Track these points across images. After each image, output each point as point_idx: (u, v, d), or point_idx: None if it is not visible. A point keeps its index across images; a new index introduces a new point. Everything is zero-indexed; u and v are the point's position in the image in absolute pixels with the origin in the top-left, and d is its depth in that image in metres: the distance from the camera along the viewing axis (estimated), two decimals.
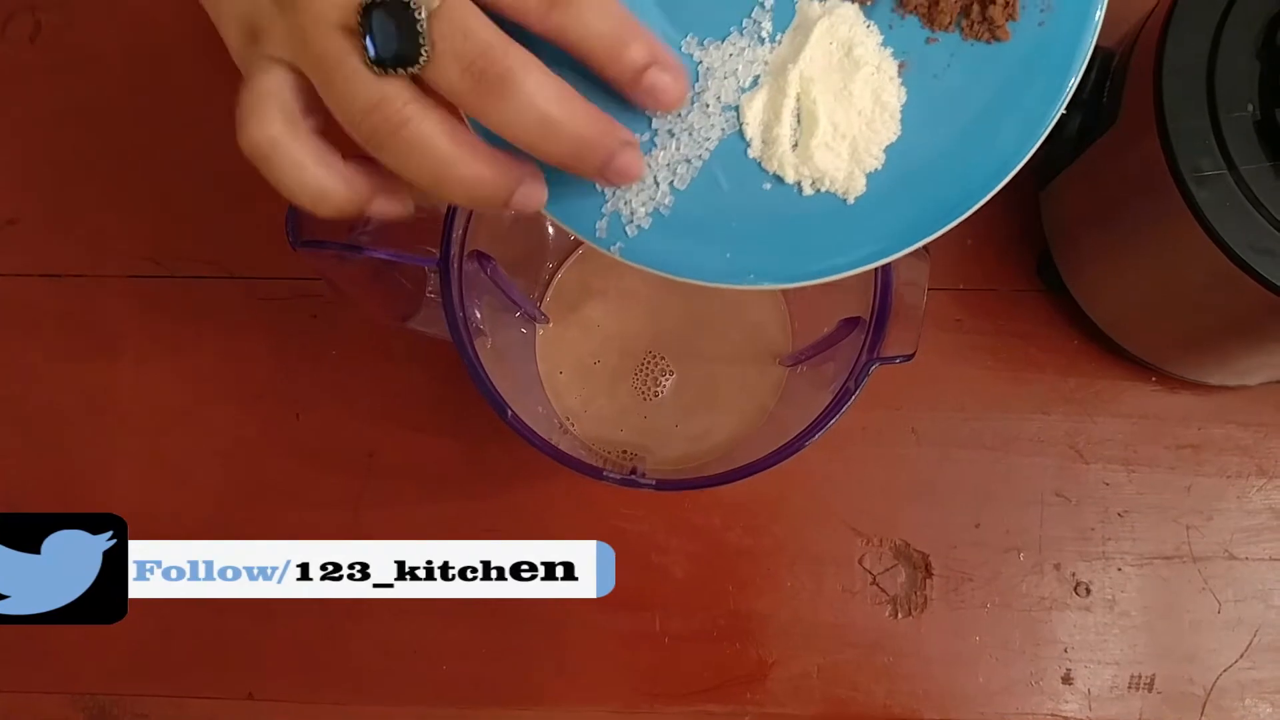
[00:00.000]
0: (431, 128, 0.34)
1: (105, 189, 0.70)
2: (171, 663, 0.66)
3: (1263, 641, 0.63)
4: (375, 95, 0.33)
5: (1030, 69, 0.39)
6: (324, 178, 0.36)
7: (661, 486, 0.49)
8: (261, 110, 0.35)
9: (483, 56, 0.33)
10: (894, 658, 0.64)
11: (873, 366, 0.48)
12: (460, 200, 0.36)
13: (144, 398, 0.68)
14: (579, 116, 0.34)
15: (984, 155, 0.39)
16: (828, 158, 0.39)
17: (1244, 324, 0.54)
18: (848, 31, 0.39)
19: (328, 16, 0.34)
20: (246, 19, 0.36)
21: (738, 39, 0.40)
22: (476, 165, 0.34)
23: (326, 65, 0.34)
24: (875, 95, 0.39)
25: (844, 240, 0.39)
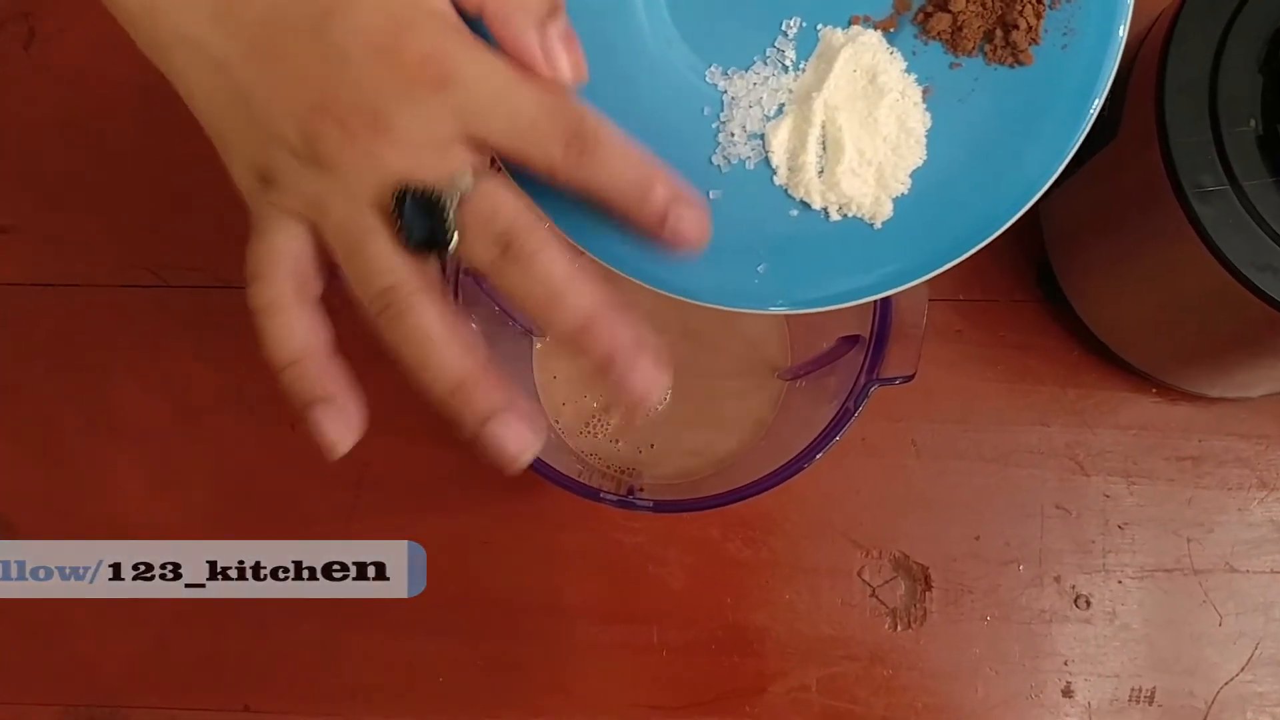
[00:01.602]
0: (432, 319, 0.35)
1: (99, 198, 0.70)
2: (166, 674, 0.66)
3: (1264, 654, 0.63)
4: (390, 279, 0.35)
5: (1054, 92, 0.39)
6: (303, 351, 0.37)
7: (659, 508, 0.48)
8: (271, 271, 0.36)
9: (506, 234, 0.35)
10: (893, 670, 0.63)
11: (872, 388, 0.48)
12: (437, 396, 0.36)
13: (137, 408, 0.68)
14: (585, 295, 0.35)
15: (1009, 178, 0.39)
16: (854, 184, 0.39)
17: (1245, 338, 0.54)
18: (871, 59, 0.39)
19: (362, 191, 0.35)
20: (260, 163, 0.36)
21: (762, 68, 0.40)
22: (462, 363, 0.35)
23: (350, 239, 0.35)
24: (900, 121, 0.39)
25: (872, 264, 0.40)
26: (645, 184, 0.35)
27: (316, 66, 0.34)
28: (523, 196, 0.36)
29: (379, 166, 0.34)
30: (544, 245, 0.35)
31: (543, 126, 0.35)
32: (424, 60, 0.34)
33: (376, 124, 0.34)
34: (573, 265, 0.35)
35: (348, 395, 0.37)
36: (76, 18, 0.71)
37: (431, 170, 0.35)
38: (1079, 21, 0.39)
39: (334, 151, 0.35)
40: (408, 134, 0.34)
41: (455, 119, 0.34)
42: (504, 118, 0.34)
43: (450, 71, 0.34)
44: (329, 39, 0.34)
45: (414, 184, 0.34)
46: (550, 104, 0.35)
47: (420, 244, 0.35)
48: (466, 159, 0.35)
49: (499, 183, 0.35)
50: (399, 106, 0.34)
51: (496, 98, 0.34)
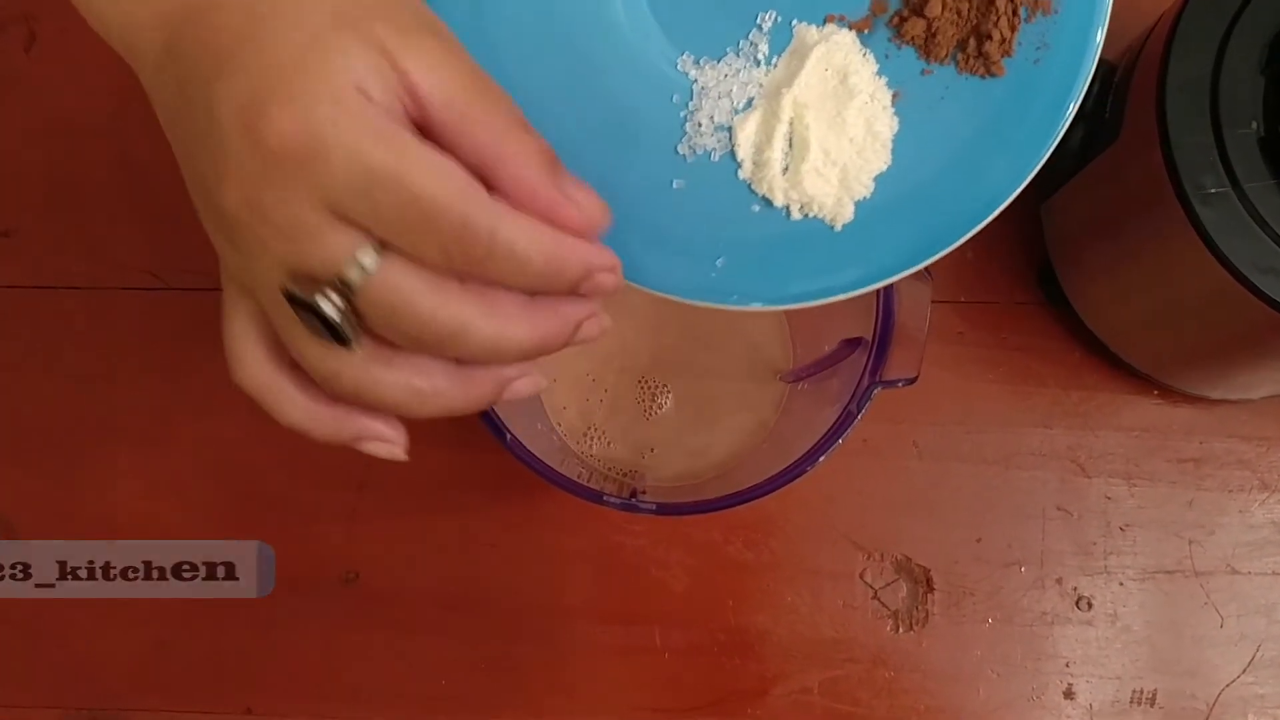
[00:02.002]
0: (388, 387, 0.34)
1: (102, 200, 0.70)
2: (168, 676, 0.66)
3: (1265, 656, 0.63)
4: (326, 369, 0.33)
5: (1023, 106, 0.39)
6: (310, 418, 0.36)
7: (662, 511, 0.48)
8: (242, 359, 0.36)
9: (416, 331, 0.32)
10: (895, 673, 0.63)
11: (875, 390, 0.48)
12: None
13: (138, 409, 0.68)
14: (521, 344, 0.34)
15: (973, 189, 0.39)
16: (818, 184, 0.39)
17: (1247, 340, 0.54)
18: (843, 59, 0.39)
19: (269, 281, 0.32)
20: (210, 232, 0.34)
21: (734, 59, 0.40)
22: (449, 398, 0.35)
23: (277, 325, 0.34)
24: (868, 124, 0.39)
25: (829, 265, 0.39)
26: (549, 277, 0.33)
27: (207, 143, 0.31)
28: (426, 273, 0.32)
29: (269, 255, 0.31)
30: (462, 323, 0.32)
31: (410, 228, 0.30)
32: (285, 138, 0.29)
33: (254, 209, 0.31)
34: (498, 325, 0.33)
35: (366, 425, 0.37)
36: (77, 21, 0.71)
37: (315, 258, 0.31)
38: (1053, 36, 0.38)
39: (235, 234, 0.32)
40: (280, 219, 0.31)
41: (321, 200, 0.30)
42: (367, 209, 0.30)
43: (312, 150, 0.29)
44: (211, 110, 0.31)
45: (291, 284, 0.31)
46: (421, 202, 0.30)
47: (331, 339, 0.32)
48: (350, 241, 0.31)
49: (394, 268, 0.31)
50: (266, 189, 0.30)
51: (359, 185, 0.30)
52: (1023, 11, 0.38)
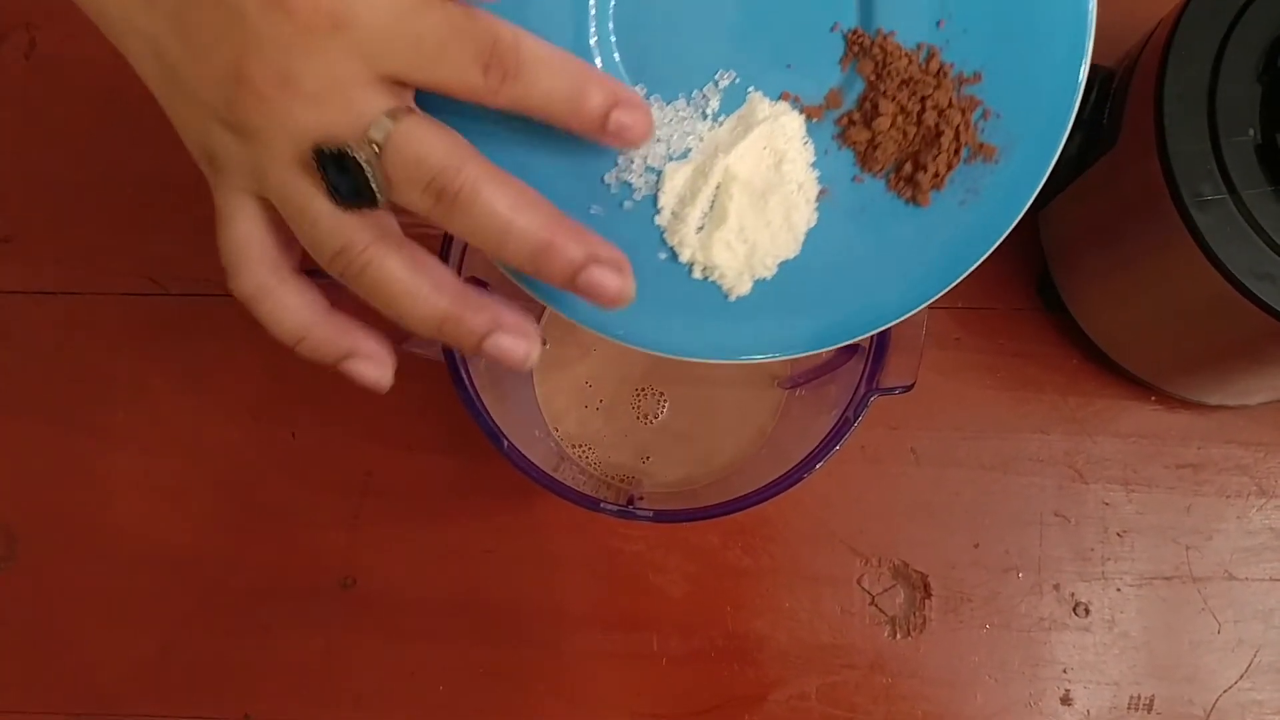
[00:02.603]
0: (393, 268, 0.35)
1: (100, 207, 0.70)
2: (168, 683, 0.66)
3: (1263, 662, 0.63)
4: (339, 241, 0.35)
5: (932, 245, 0.39)
6: (305, 325, 0.37)
7: (659, 518, 0.48)
8: (242, 261, 0.37)
9: (438, 178, 0.34)
10: (892, 678, 0.63)
11: (872, 398, 0.48)
12: (428, 335, 0.36)
13: (138, 417, 0.68)
14: (537, 220, 0.35)
15: (864, 303, 0.40)
16: (725, 254, 0.39)
17: (1244, 347, 0.54)
18: (784, 144, 0.39)
19: (286, 154, 0.34)
20: (204, 142, 0.36)
21: (683, 106, 0.40)
22: (438, 301, 0.35)
23: (292, 206, 0.35)
24: (787, 214, 0.39)
25: (708, 331, 0.41)
26: (578, 94, 0.34)
27: (224, 32, 0.33)
28: (450, 132, 0.34)
29: (295, 125, 0.34)
30: (478, 184, 0.34)
31: (453, 51, 0.33)
32: (311, 4, 0.32)
33: (282, 81, 0.33)
34: (513, 193, 0.34)
35: (361, 340, 0.38)
36: (77, 29, 0.71)
37: (343, 122, 0.33)
38: (986, 187, 0.39)
39: (253, 117, 0.34)
40: (313, 86, 0.33)
41: (358, 60, 0.33)
42: (408, 48, 0.33)
43: (342, 9, 0.32)
44: (229, 4, 0.33)
45: (325, 142, 0.33)
46: (458, 24, 0.33)
47: (351, 201, 0.34)
48: (379, 103, 0.34)
49: (418, 122, 0.34)
50: (298, 58, 0.33)
51: (396, 28, 0.33)
52: (964, 152, 0.39)
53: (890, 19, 0.39)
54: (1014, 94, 0.39)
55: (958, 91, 0.39)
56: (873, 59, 0.39)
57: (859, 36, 0.39)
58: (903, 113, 0.39)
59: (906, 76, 0.39)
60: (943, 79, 0.39)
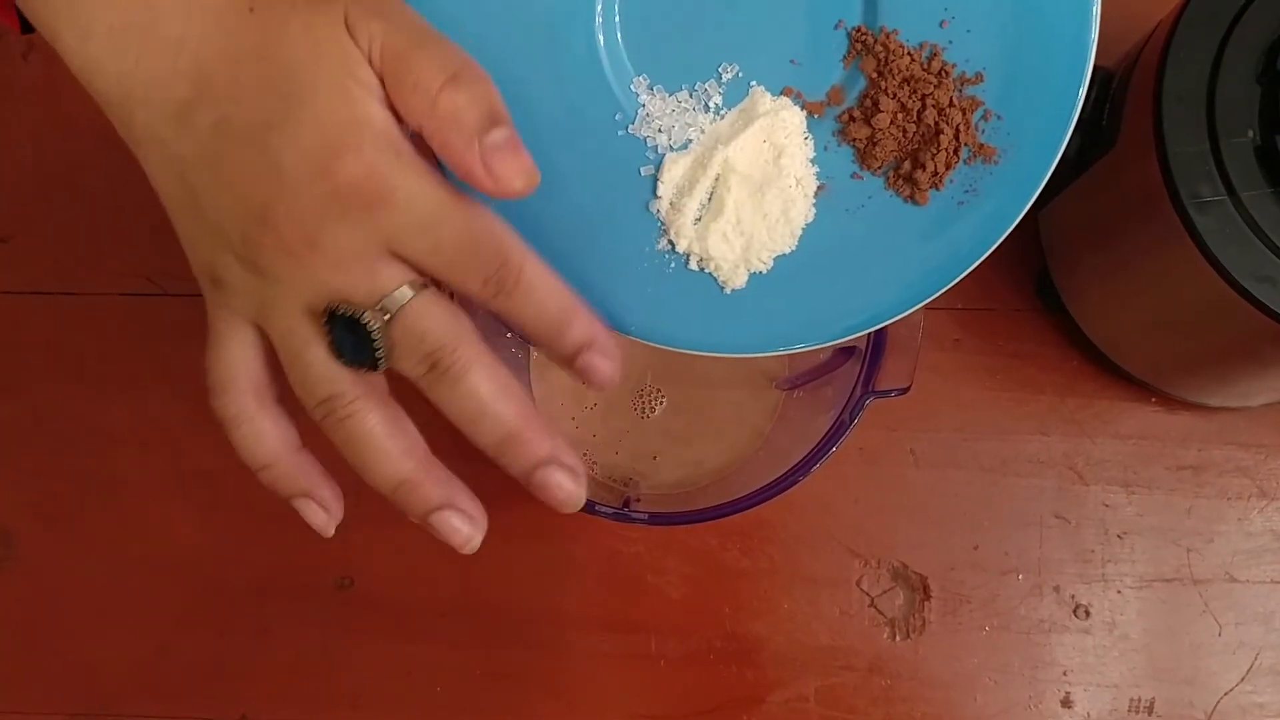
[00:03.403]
0: (372, 425, 0.37)
1: (98, 207, 0.70)
2: (166, 683, 0.66)
3: (1263, 665, 0.62)
4: (328, 390, 0.36)
5: (929, 243, 0.39)
6: (274, 457, 0.39)
7: (654, 521, 0.48)
8: (228, 386, 0.38)
9: (435, 353, 0.36)
10: (892, 680, 0.63)
11: (868, 400, 0.48)
12: (384, 492, 0.38)
13: (136, 417, 0.68)
14: (511, 410, 0.37)
15: (855, 302, 0.40)
16: (721, 246, 0.39)
17: (1244, 348, 0.54)
18: (784, 138, 0.39)
19: (297, 303, 0.36)
20: (211, 264, 0.37)
21: (685, 98, 0.40)
22: (404, 466, 0.37)
23: (290, 347, 0.36)
24: (785, 207, 0.39)
25: (703, 322, 0.41)
26: (561, 326, 0.37)
27: (257, 177, 0.35)
28: (456, 313, 0.36)
29: (312, 280, 0.35)
30: (469, 366, 0.36)
31: (464, 260, 0.35)
32: (357, 183, 0.34)
33: (309, 240, 0.34)
34: (498, 383, 0.36)
35: (319, 485, 0.40)
36: None
37: (361, 288, 0.35)
38: (986, 186, 0.39)
39: (271, 262, 0.35)
40: (338, 251, 0.35)
41: (380, 237, 0.35)
42: (426, 246, 0.35)
43: (382, 194, 0.34)
44: (269, 153, 0.34)
45: (341, 305, 0.35)
46: (475, 237, 0.35)
47: (352, 361, 0.36)
48: (400, 276, 0.35)
49: (432, 300, 0.36)
50: (330, 225, 0.34)
51: (423, 225, 0.35)
52: (964, 152, 0.39)
53: (894, 17, 0.39)
54: (1016, 96, 0.39)
55: (959, 91, 0.39)
56: (875, 57, 0.39)
57: (863, 34, 0.39)
58: (903, 111, 0.39)
59: (908, 75, 0.39)
60: (944, 78, 0.39)
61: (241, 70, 0.35)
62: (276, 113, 0.34)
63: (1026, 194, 0.39)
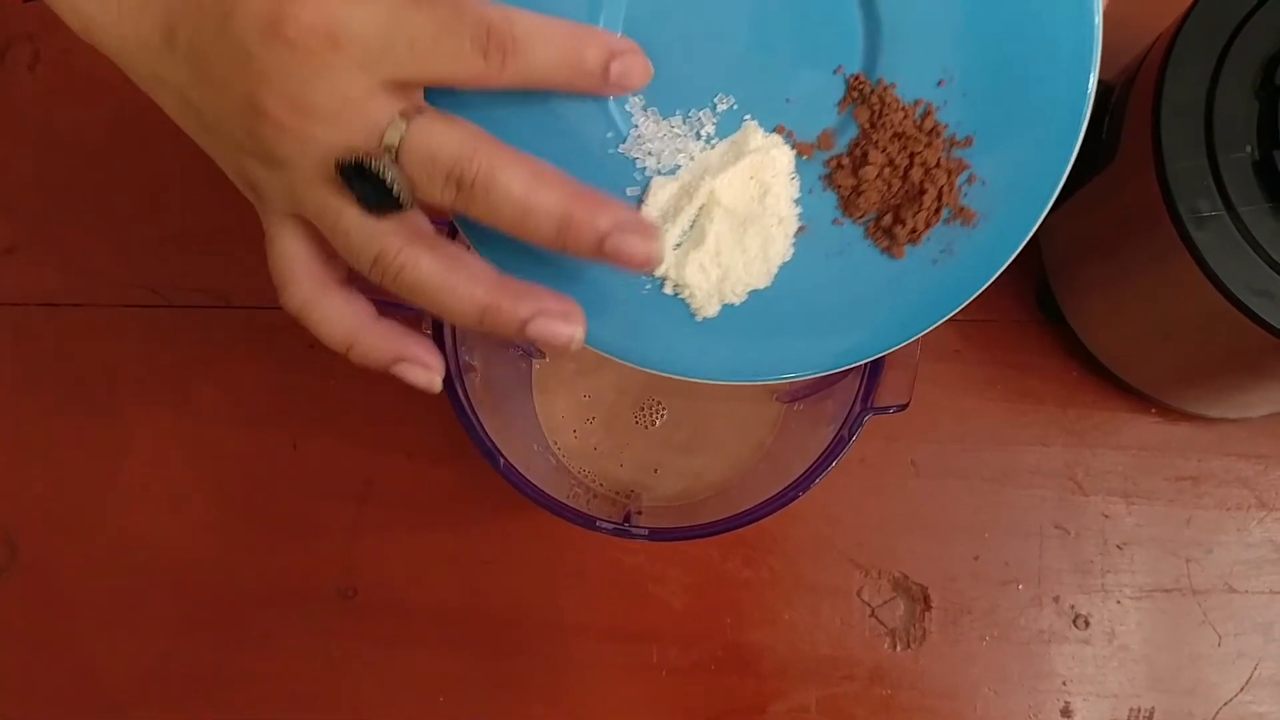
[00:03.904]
0: (427, 267, 0.36)
1: (102, 218, 0.70)
2: (168, 690, 0.66)
3: (1263, 675, 0.62)
4: (374, 249, 0.36)
5: (899, 295, 0.40)
6: (355, 332, 0.39)
7: (655, 537, 0.49)
8: (289, 277, 0.38)
9: (454, 169, 0.35)
10: (892, 690, 0.63)
11: (866, 417, 0.48)
12: (472, 327, 0.38)
13: (139, 426, 0.68)
14: (554, 196, 0.35)
15: (823, 344, 0.41)
16: (698, 275, 0.40)
17: (1242, 362, 0.54)
18: (771, 178, 0.40)
19: (312, 175, 0.36)
20: (244, 177, 0.38)
21: (679, 124, 0.40)
22: (475, 293, 0.37)
23: (327, 222, 0.37)
24: (764, 246, 0.40)
25: (667, 344, 0.41)
26: (577, 55, 0.36)
27: (234, 69, 0.35)
28: (460, 124, 0.36)
29: (315, 146, 0.35)
30: (494, 167, 0.35)
31: (448, 43, 0.34)
32: (309, 29, 0.34)
33: (295, 107, 0.35)
34: (529, 172, 0.35)
35: (409, 345, 0.40)
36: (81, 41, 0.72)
37: (359, 134, 0.35)
38: (962, 248, 0.39)
39: (276, 145, 0.36)
40: (325, 106, 0.35)
41: (361, 72, 0.34)
42: (405, 51, 0.34)
43: (337, 29, 0.34)
44: (233, 39, 0.35)
45: (344, 156, 0.35)
46: (447, 18, 0.34)
47: (379, 207, 0.35)
48: (389, 108, 0.35)
49: (429, 120, 0.35)
50: (306, 82, 0.34)
51: (389, 35, 0.34)
52: (945, 213, 0.39)
53: (893, 71, 0.39)
54: (1002, 165, 0.39)
55: (948, 153, 0.39)
56: (870, 107, 0.39)
57: (860, 83, 0.39)
58: (890, 165, 0.39)
59: (900, 130, 0.39)
60: (935, 138, 0.39)
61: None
62: (226, 1, 0.35)
63: (1000, 260, 0.40)
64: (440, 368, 0.40)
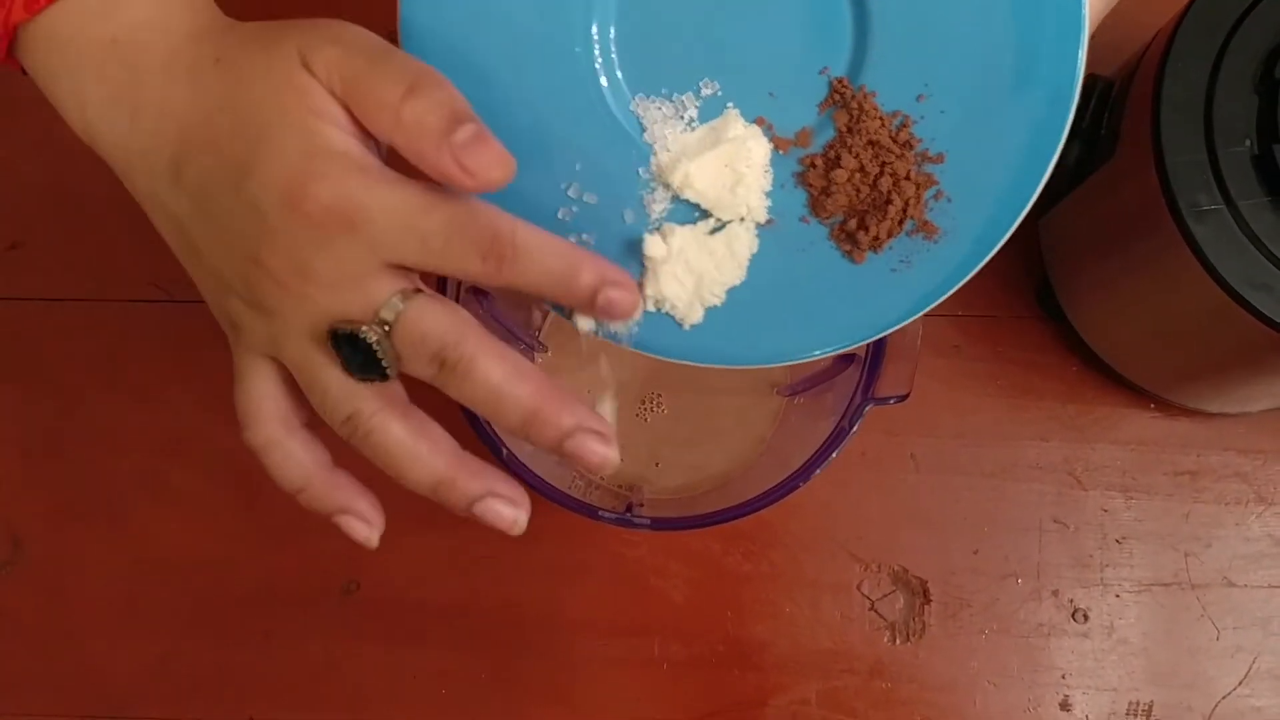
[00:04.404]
0: (396, 433, 0.37)
1: (107, 214, 0.70)
2: (172, 686, 0.66)
3: (1261, 669, 0.63)
4: (348, 409, 0.37)
5: (856, 298, 0.41)
6: (307, 480, 0.40)
7: (657, 526, 0.49)
8: (255, 416, 0.39)
9: (440, 352, 0.36)
10: (892, 684, 0.64)
11: (867, 407, 0.48)
12: (425, 494, 0.39)
13: (144, 422, 0.68)
14: (527, 390, 0.37)
15: (785, 336, 0.41)
16: (674, 286, 0.41)
17: (1242, 356, 0.54)
18: (745, 169, 0.40)
19: (302, 332, 0.37)
20: (225, 312, 0.39)
21: (665, 104, 0.41)
22: (435, 465, 0.38)
23: (306, 375, 0.38)
24: (729, 242, 0.40)
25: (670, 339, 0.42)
26: (571, 275, 0.37)
27: (243, 222, 0.36)
28: (453, 310, 0.37)
29: (312, 308, 0.36)
30: (476, 355, 0.36)
31: (456, 246, 0.36)
32: (328, 208, 0.35)
33: (298, 271, 0.36)
34: (507, 366, 0.37)
35: (355, 499, 0.40)
36: None
37: (357, 306, 0.36)
38: (920, 261, 0.40)
39: (270, 299, 0.37)
40: (329, 276, 0.36)
41: (368, 253, 0.36)
42: (416, 246, 0.36)
43: (355, 213, 0.35)
44: (247, 195, 0.35)
45: (340, 325, 0.36)
46: (460, 223, 0.36)
47: (364, 375, 0.37)
48: (391, 287, 0.36)
49: (425, 303, 0.36)
50: (315, 254, 0.35)
51: (405, 228, 0.35)
52: (908, 224, 0.40)
53: (875, 79, 0.40)
54: (969, 186, 0.40)
55: (918, 166, 0.40)
56: (849, 112, 0.40)
57: (843, 86, 0.40)
58: (861, 171, 0.40)
59: (875, 138, 0.40)
60: (907, 151, 0.40)
61: (214, 122, 0.36)
62: (247, 157, 0.35)
63: (954, 279, 0.40)
64: (380, 525, 0.41)
